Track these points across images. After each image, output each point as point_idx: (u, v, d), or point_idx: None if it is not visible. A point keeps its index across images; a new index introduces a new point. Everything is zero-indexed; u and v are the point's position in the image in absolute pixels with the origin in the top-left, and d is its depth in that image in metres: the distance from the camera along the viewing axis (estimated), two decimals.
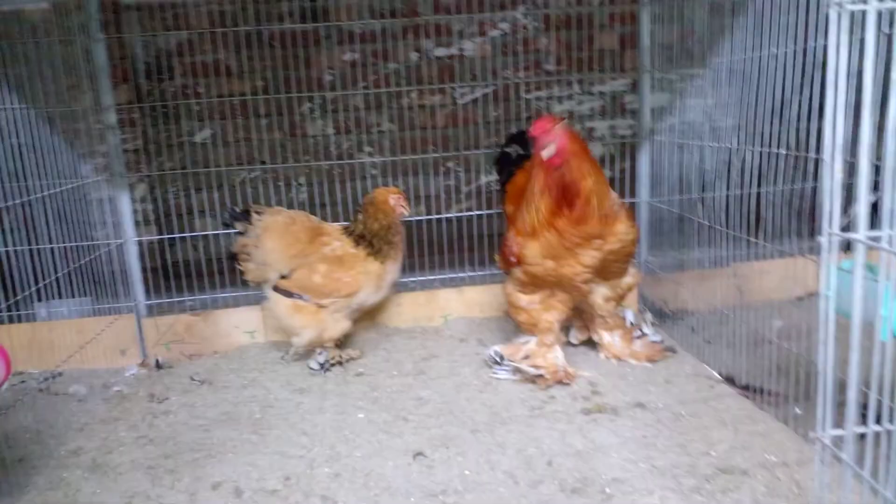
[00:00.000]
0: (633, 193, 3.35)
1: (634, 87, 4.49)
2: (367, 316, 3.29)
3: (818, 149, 1.95)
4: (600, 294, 2.66)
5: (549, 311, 2.62)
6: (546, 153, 2.39)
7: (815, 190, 1.94)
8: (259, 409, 2.54)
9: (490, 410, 2.41)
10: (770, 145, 2.19)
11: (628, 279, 2.70)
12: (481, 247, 3.57)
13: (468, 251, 3.72)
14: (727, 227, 2.50)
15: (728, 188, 2.49)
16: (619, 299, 2.75)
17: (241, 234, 2.85)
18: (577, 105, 4.53)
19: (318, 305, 2.81)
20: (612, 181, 2.78)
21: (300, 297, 2.81)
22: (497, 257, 2.75)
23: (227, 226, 2.91)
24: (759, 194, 2.32)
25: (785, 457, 1.98)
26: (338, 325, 2.87)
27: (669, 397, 2.42)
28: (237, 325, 3.19)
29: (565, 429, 2.24)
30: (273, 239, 2.83)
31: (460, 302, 3.34)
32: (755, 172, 2.24)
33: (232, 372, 2.90)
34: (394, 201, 2.87)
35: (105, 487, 2.07)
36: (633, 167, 3.35)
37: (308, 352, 2.91)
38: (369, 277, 2.84)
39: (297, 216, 2.92)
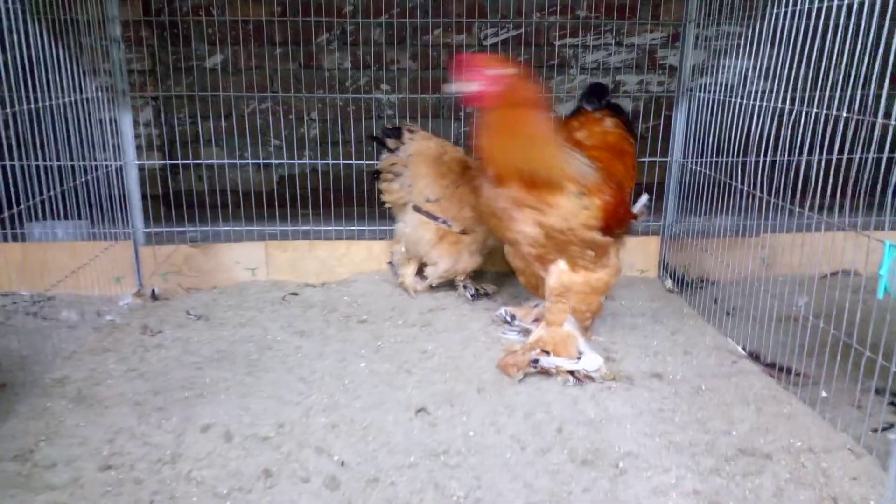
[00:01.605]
0: (663, 152, 3.17)
1: (670, 40, 4.25)
2: (371, 261, 3.15)
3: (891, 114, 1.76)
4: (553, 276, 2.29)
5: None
6: (456, 88, 2.09)
7: (880, 161, 1.77)
8: (256, 350, 2.42)
9: (498, 369, 2.29)
10: (830, 108, 2.00)
11: (601, 274, 2.29)
12: None
13: None
14: (767, 194, 2.32)
15: (774, 152, 2.31)
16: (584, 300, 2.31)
17: (390, 151, 2.82)
18: (608, 56, 4.29)
19: (460, 233, 2.78)
20: (641, 139, 2.61)
21: (444, 223, 2.77)
22: None
23: (377, 141, 2.85)
24: (809, 161, 2.13)
25: (811, 442, 1.85)
26: (472, 258, 2.86)
27: (688, 369, 2.29)
28: (238, 260, 3.06)
29: (577, 395, 2.12)
30: (426, 164, 2.81)
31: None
32: (809, 137, 2.05)
33: (230, 309, 2.78)
34: None
35: (89, 420, 1.96)
36: (664, 126, 3.16)
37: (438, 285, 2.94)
38: None
39: (446, 146, 2.89)
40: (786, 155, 2.25)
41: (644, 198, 2.46)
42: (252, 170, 4.08)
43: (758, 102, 2.38)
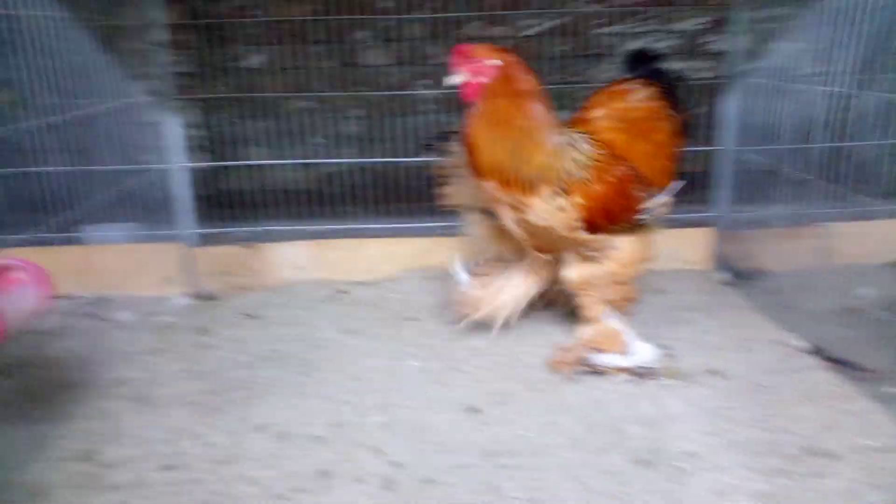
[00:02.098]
0: (711, 141, 3.08)
1: (717, 25, 4.14)
2: (418, 258, 3.14)
3: None
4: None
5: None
6: (450, 79, 2.02)
7: None
8: (307, 349, 2.43)
9: (548, 367, 2.26)
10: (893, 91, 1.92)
11: (610, 266, 2.17)
12: None
13: None
14: (828, 182, 2.24)
15: (832, 138, 2.22)
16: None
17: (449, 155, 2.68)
18: (651, 43, 4.19)
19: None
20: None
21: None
22: None
23: (428, 147, 2.71)
24: (869, 146, 2.05)
25: (883, 442, 1.78)
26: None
27: (748, 365, 2.23)
28: (287, 259, 3.07)
29: (633, 393, 2.07)
30: None
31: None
32: (873, 122, 1.97)
33: (280, 308, 2.80)
34: None
35: (148, 421, 2.00)
36: (711, 113, 3.07)
37: None
38: None
39: None
40: (845, 140, 2.17)
41: (675, 185, 2.25)
42: (296, 169, 4.11)
43: (814, 86, 2.30)
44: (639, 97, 2.25)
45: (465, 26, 4.05)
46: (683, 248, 3.12)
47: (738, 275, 2.92)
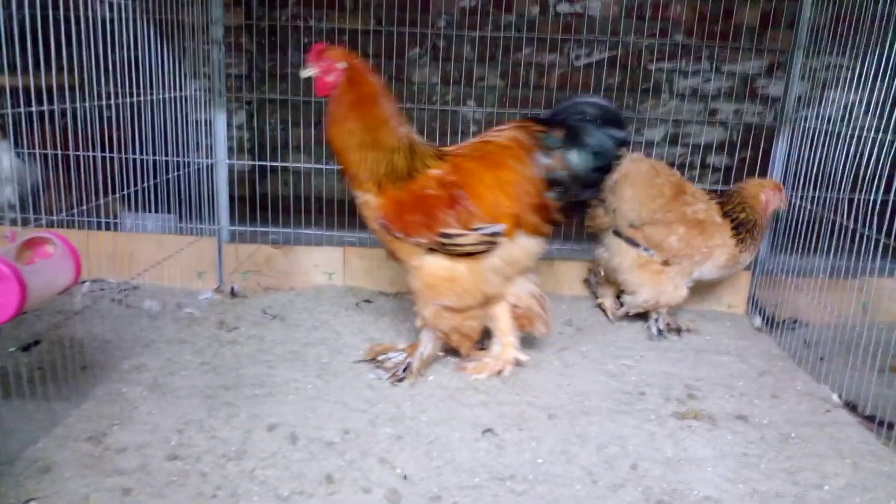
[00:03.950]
0: None
1: (771, 70, 4.08)
2: None
3: None
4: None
5: None
6: (306, 73, 2.13)
7: None
8: (327, 353, 2.41)
9: (571, 396, 2.20)
10: None
11: (413, 280, 2.19)
12: (580, 220, 3.32)
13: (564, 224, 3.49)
14: (870, 231, 2.16)
15: (885, 192, 2.15)
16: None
17: None
18: (703, 83, 4.15)
19: (663, 264, 2.65)
20: (730, 169, 2.45)
21: (646, 251, 2.65)
22: None
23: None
24: None
25: None
26: (677, 291, 2.67)
27: (777, 414, 2.14)
28: (317, 263, 3.08)
29: (654, 431, 2.00)
30: (634, 188, 2.63)
31: (549, 275, 3.12)
32: None
33: (305, 311, 2.79)
34: (766, 197, 2.65)
35: (161, 409, 1.99)
36: (758, 157, 3.01)
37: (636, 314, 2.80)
38: (724, 254, 2.65)
39: (660, 168, 2.70)
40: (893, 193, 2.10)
41: (496, 227, 2.11)
42: (335, 177, 4.13)
43: (868, 134, 2.23)
44: (505, 136, 2.20)
45: (517, 51, 4.06)
46: (725, 291, 3.05)
47: (773, 322, 2.83)
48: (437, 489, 1.70)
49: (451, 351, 2.36)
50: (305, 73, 2.13)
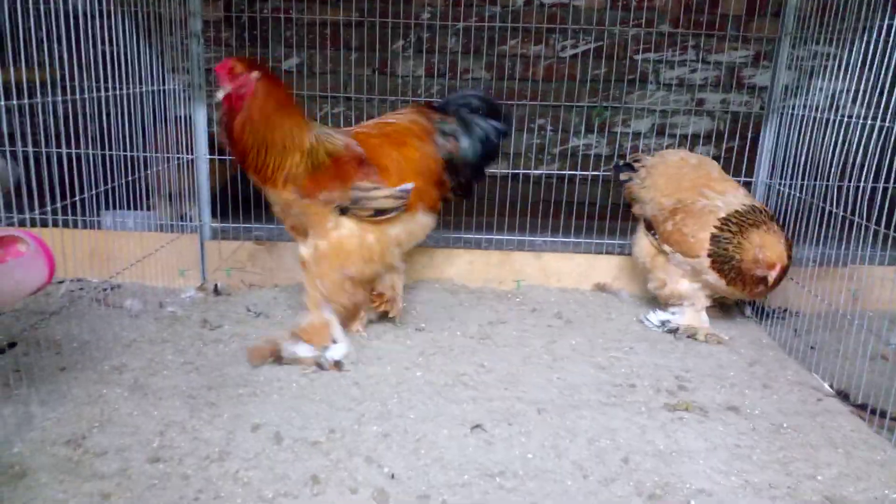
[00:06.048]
0: (747, 172, 2.99)
1: (757, 59, 4.06)
2: (431, 269, 3.08)
3: None
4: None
5: None
6: (221, 94, 2.17)
7: None
8: None
9: (560, 390, 2.17)
10: None
11: (321, 243, 2.27)
12: (567, 213, 3.30)
13: (552, 216, 3.46)
14: (865, 222, 2.14)
15: (874, 178, 2.13)
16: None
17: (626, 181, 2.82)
18: (689, 73, 4.12)
19: (658, 250, 2.66)
20: (718, 158, 2.45)
21: (653, 235, 2.69)
22: None
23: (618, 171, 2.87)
24: None
25: None
26: (678, 285, 2.63)
27: (768, 404, 2.12)
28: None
29: (646, 424, 1.98)
30: (655, 177, 2.72)
31: (537, 268, 3.09)
32: None
33: (290, 308, 2.75)
34: (762, 273, 2.40)
35: (142, 410, 1.94)
36: (745, 146, 2.99)
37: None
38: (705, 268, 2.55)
39: (689, 159, 2.72)
40: (887, 180, 2.08)
41: (407, 185, 2.28)
42: None
43: (857, 121, 2.21)
44: (404, 118, 2.44)
45: (503, 43, 4.01)
46: None
47: (762, 311, 2.82)
48: (425, 488, 1.66)
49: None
50: (221, 93, 2.17)
